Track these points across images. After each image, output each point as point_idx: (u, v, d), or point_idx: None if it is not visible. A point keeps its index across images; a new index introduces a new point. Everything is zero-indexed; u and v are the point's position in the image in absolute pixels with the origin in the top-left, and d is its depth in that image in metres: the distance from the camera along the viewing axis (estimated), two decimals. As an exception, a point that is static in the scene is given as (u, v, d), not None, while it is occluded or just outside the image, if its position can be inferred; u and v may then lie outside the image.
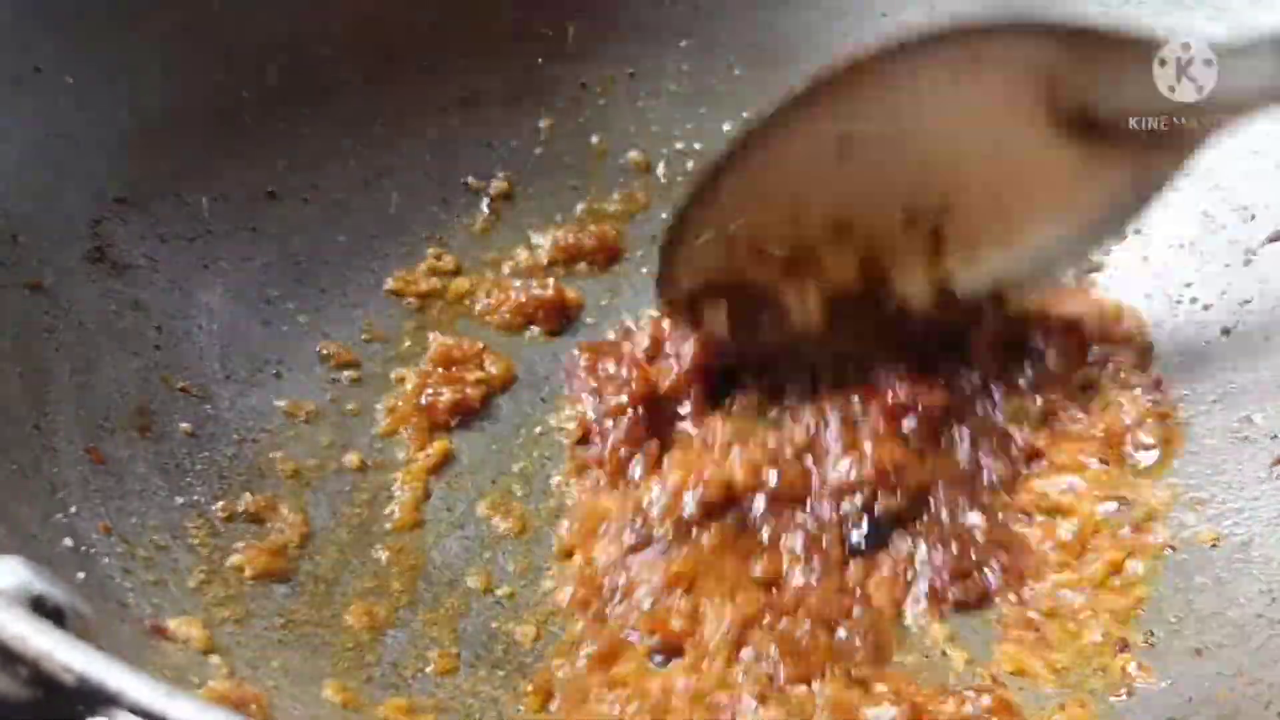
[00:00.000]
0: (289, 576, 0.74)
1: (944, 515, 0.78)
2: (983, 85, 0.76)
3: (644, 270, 0.92)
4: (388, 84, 0.93)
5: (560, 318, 0.90)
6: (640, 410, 0.82)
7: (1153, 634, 0.71)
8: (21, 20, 0.78)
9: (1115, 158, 0.78)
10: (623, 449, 0.81)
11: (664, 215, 0.93)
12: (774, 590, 0.75)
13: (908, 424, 0.80)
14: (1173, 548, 0.75)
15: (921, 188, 0.81)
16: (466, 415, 0.85)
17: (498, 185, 0.95)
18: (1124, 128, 0.76)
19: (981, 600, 0.75)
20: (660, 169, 0.97)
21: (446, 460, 0.83)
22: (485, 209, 0.95)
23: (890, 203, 0.81)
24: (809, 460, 0.80)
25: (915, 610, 0.74)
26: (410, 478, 0.81)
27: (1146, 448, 0.80)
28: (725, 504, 0.78)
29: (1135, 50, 0.74)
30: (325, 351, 0.86)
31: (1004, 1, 0.92)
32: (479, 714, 0.70)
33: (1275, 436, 0.76)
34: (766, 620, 0.73)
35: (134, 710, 0.42)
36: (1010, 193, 0.81)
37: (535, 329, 0.90)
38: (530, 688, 0.71)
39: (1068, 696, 0.69)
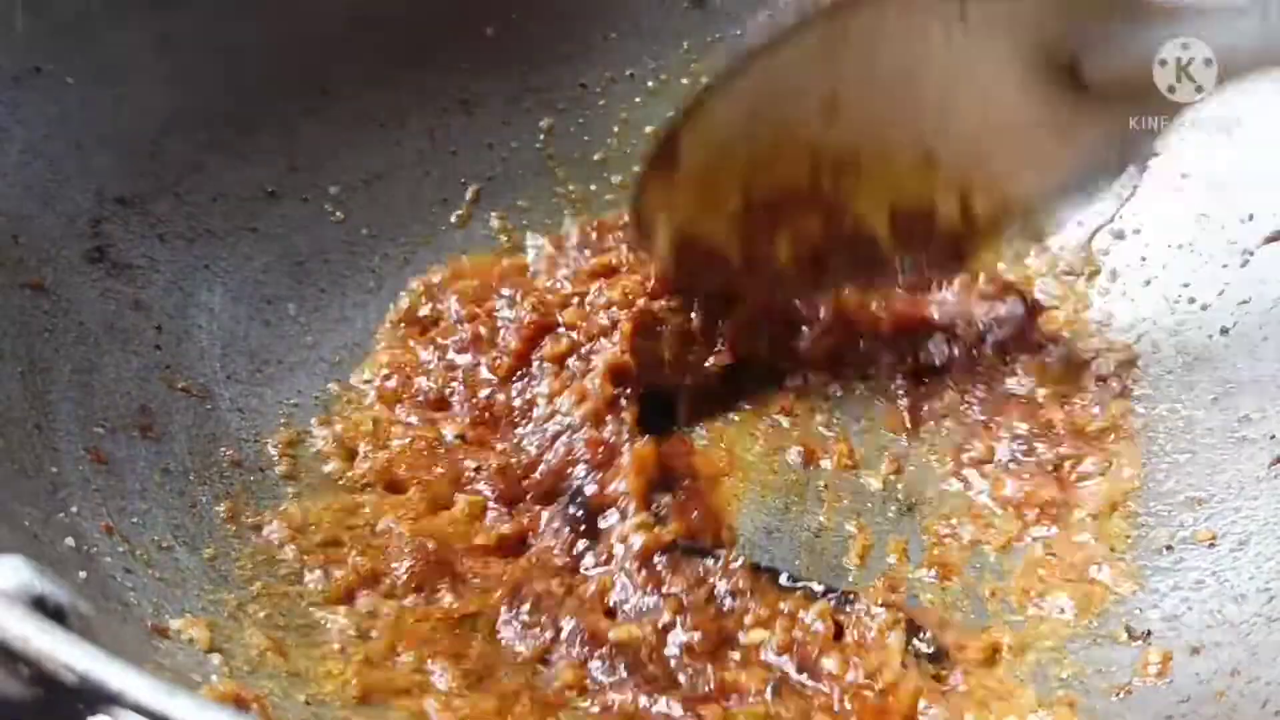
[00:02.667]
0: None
1: None
2: (972, 36, 0.75)
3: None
4: (388, 84, 0.93)
5: None
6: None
7: (1150, 633, 0.71)
8: (22, 20, 0.79)
9: (1101, 114, 0.77)
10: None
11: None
12: None
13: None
14: (1170, 547, 0.75)
15: (909, 136, 0.80)
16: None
17: (497, 186, 0.96)
18: (1111, 85, 0.76)
19: None
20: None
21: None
22: (485, 209, 0.95)
23: (876, 148, 0.81)
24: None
25: None
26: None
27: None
28: None
29: (1123, 8, 0.74)
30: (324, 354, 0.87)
31: None
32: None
33: (1274, 436, 0.76)
34: None
35: (135, 709, 0.42)
36: (996, 144, 0.81)
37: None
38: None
39: (1055, 695, 0.69)
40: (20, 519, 0.64)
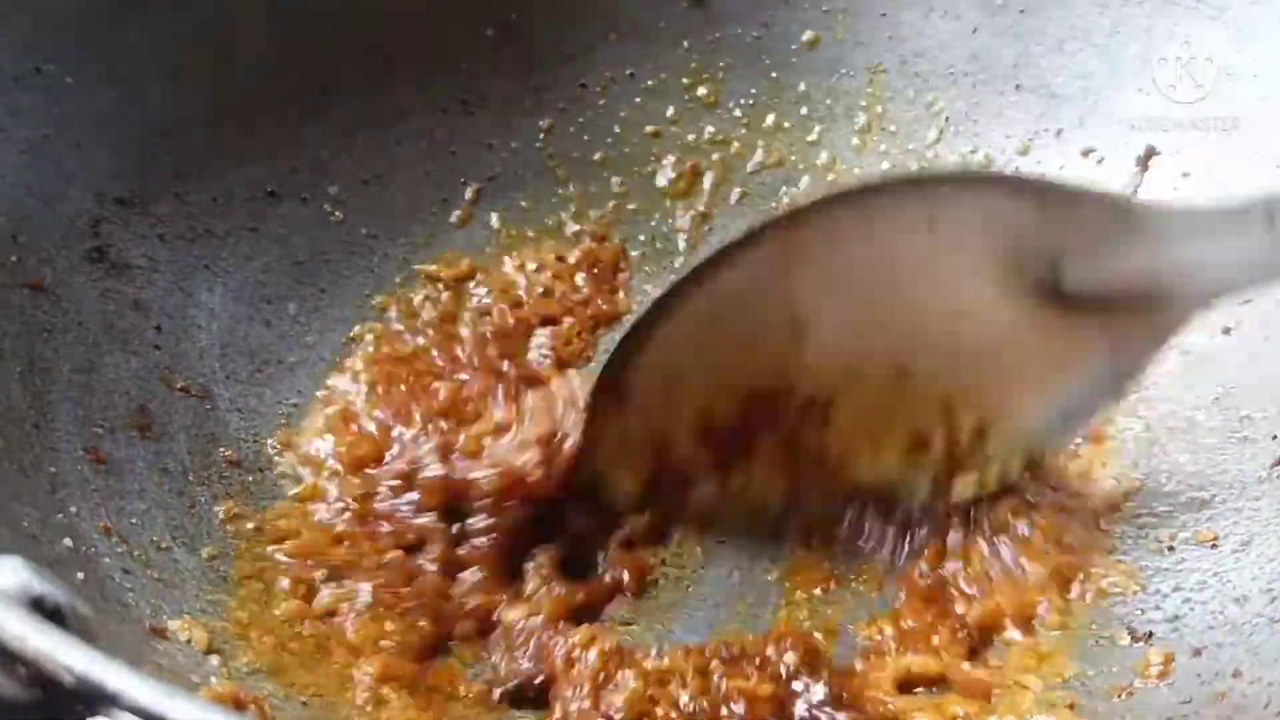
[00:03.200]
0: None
1: None
2: (941, 246, 0.69)
3: (647, 288, 0.93)
4: (388, 84, 0.93)
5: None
6: None
7: (1152, 634, 0.71)
8: (21, 20, 0.79)
9: (1088, 331, 0.71)
10: None
11: (661, 224, 0.94)
12: None
13: None
14: (1171, 548, 0.75)
15: (881, 358, 0.73)
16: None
17: (497, 186, 0.96)
18: (1097, 300, 0.70)
19: None
20: (660, 173, 0.98)
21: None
22: (485, 209, 0.95)
23: (849, 372, 0.73)
24: None
25: None
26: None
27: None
28: None
29: (1106, 213, 0.68)
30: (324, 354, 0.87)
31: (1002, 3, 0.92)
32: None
33: (1275, 436, 0.76)
34: None
35: (134, 710, 0.42)
36: (978, 364, 0.73)
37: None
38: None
39: (1056, 695, 0.69)
40: (19, 519, 0.64)
